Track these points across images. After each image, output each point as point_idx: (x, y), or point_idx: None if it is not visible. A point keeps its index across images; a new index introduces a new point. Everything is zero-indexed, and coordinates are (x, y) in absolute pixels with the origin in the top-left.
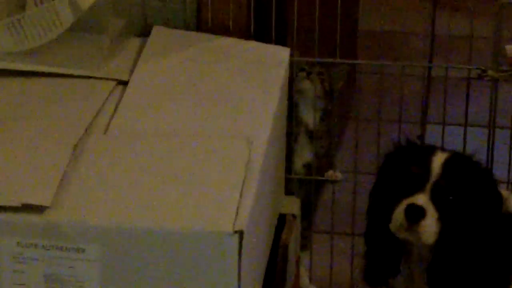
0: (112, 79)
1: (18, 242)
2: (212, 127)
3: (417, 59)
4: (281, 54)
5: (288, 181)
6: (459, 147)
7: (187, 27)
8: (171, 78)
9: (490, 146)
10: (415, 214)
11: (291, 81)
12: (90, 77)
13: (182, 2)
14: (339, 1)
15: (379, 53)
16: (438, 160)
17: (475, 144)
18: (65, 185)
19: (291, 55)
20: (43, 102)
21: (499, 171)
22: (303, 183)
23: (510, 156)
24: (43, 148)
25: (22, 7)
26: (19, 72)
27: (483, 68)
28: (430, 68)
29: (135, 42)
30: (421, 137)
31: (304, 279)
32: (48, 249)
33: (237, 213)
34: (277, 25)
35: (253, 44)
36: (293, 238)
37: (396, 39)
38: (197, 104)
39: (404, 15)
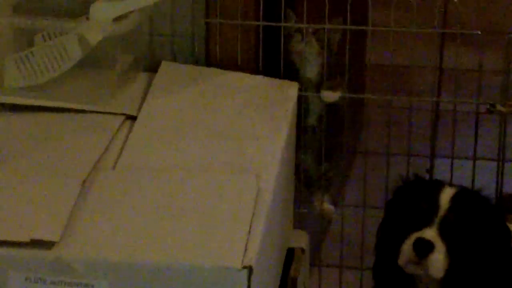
0: (121, 114)
1: (26, 278)
2: (221, 162)
3: (425, 91)
4: (289, 89)
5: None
6: (468, 181)
7: (196, 62)
8: (180, 113)
9: (499, 180)
10: (424, 248)
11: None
12: (98, 112)
13: (191, 38)
14: (348, 36)
15: (388, 86)
16: (446, 195)
17: (484, 177)
18: (73, 221)
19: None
20: (52, 137)
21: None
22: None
23: None
24: (51, 184)
25: (31, 42)
26: (28, 107)
27: (491, 102)
28: (438, 102)
29: (143, 77)
30: (430, 170)
31: None
32: (57, 285)
33: (245, 248)
34: (285, 60)
35: (261, 79)
36: (302, 271)
37: (404, 72)
38: (206, 139)
39: (412, 48)
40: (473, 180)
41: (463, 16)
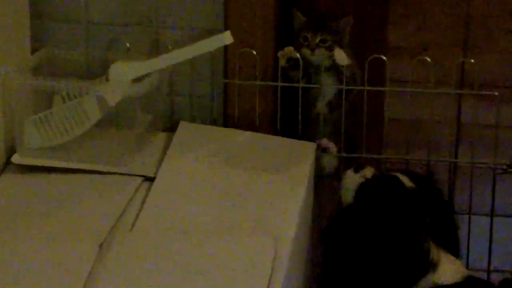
0: (139, 175)
1: None
2: (238, 224)
3: (443, 146)
4: (307, 150)
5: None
6: (485, 237)
7: (214, 122)
8: (197, 174)
9: None
10: None
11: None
12: (117, 174)
13: (209, 98)
14: (365, 93)
15: (405, 140)
16: None
17: (502, 234)
18: (91, 284)
19: None
20: (70, 199)
21: None
22: None
23: None
24: (69, 246)
25: (50, 103)
26: (46, 168)
27: (508, 163)
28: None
29: (162, 137)
30: None
31: None
32: None
33: None
34: (303, 120)
35: (279, 140)
36: None
37: (421, 127)
38: (224, 200)
39: (430, 103)
40: (490, 236)
41: (481, 71)
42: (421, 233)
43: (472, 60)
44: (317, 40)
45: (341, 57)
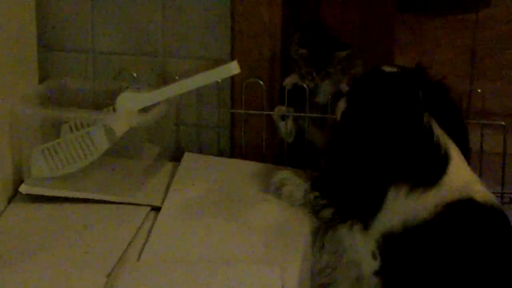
0: (146, 205)
1: None
2: (245, 254)
3: None
4: None
5: None
6: None
7: (221, 152)
8: (203, 204)
9: None
10: None
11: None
12: (124, 203)
13: (216, 128)
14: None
15: None
16: None
17: None
18: None
19: None
20: (77, 229)
21: None
22: None
23: None
24: (77, 275)
25: (58, 133)
26: (54, 198)
27: None
28: None
29: (169, 166)
30: None
31: None
32: None
33: None
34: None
35: (285, 169)
36: None
37: None
38: (230, 230)
39: None
40: None
41: (487, 99)
42: (418, 107)
43: (479, 90)
44: (322, 75)
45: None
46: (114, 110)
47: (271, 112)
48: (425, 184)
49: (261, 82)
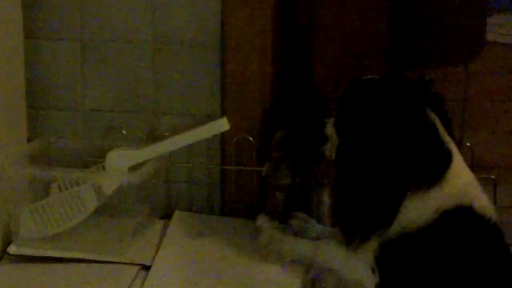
0: (136, 264)
1: None
2: None
3: None
4: None
5: None
6: None
7: (211, 209)
8: (193, 263)
9: None
10: None
11: None
12: (114, 263)
13: (207, 185)
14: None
15: None
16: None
17: None
18: None
19: None
20: None
21: None
22: None
23: None
24: None
25: (47, 192)
26: (43, 258)
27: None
28: None
29: (160, 224)
30: None
31: None
32: None
33: None
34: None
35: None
36: None
37: None
38: None
39: None
40: None
41: (478, 151)
42: (420, 104)
43: (468, 144)
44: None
45: None
46: (103, 168)
47: (261, 168)
48: (428, 182)
49: (251, 139)
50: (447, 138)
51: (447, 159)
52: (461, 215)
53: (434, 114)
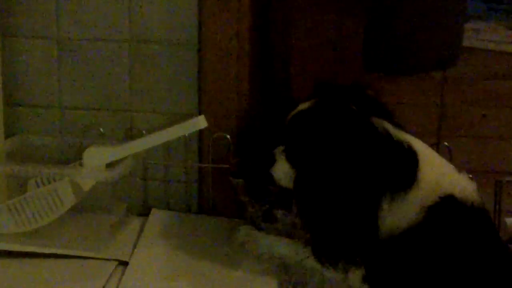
0: (113, 260)
1: None
2: None
3: None
4: None
5: None
6: None
7: (188, 207)
8: (171, 259)
9: None
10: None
11: None
12: (91, 258)
13: (184, 182)
14: None
15: None
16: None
17: None
18: None
19: None
20: (44, 285)
21: None
22: None
23: None
24: None
25: (24, 189)
26: (19, 253)
27: None
28: None
29: (136, 221)
30: None
31: None
32: None
33: None
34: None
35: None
36: None
37: None
38: (197, 285)
39: None
40: None
41: (455, 156)
42: (363, 119)
43: (446, 143)
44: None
45: None
46: (80, 165)
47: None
48: (403, 186)
49: (228, 137)
50: (403, 136)
51: (412, 155)
52: (444, 208)
53: (380, 119)
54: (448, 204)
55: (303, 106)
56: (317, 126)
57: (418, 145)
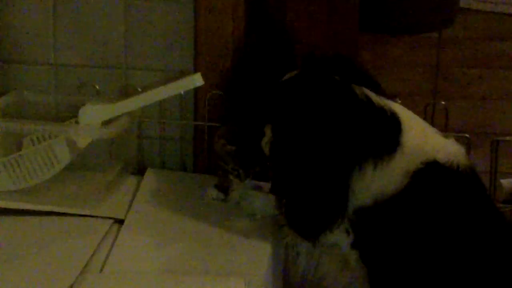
0: (109, 218)
1: None
2: (208, 266)
3: None
4: None
5: None
6: None
7: (184, 165)
8: (167, 218)
9: None
10: None
11: None
12: (87, 216)
13: (179, 141)
14: None
15: None
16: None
17: None
18: None
19: None
20: (39, 241)
21: None
22: None
23: None
24: None
25: (19, 145)
26: (15, 211)
27: None
28: None
29: (132, 180)
30: None
31: None
32: None
33: None
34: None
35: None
36: None
37: None
38: (193, 243)
39: None
40: None
41: (451, 117)
42: (343, 86)
43: (443, 102)
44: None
45: None
46: (76, 123)
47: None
48: (386, 151)
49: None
50: (384, 102)
51: (395, 121)
52: (428, 172)
53: (361, 87)
54: (431, 168)
55: (286, 77)
56: (294, 93)
57: (401, 111)
